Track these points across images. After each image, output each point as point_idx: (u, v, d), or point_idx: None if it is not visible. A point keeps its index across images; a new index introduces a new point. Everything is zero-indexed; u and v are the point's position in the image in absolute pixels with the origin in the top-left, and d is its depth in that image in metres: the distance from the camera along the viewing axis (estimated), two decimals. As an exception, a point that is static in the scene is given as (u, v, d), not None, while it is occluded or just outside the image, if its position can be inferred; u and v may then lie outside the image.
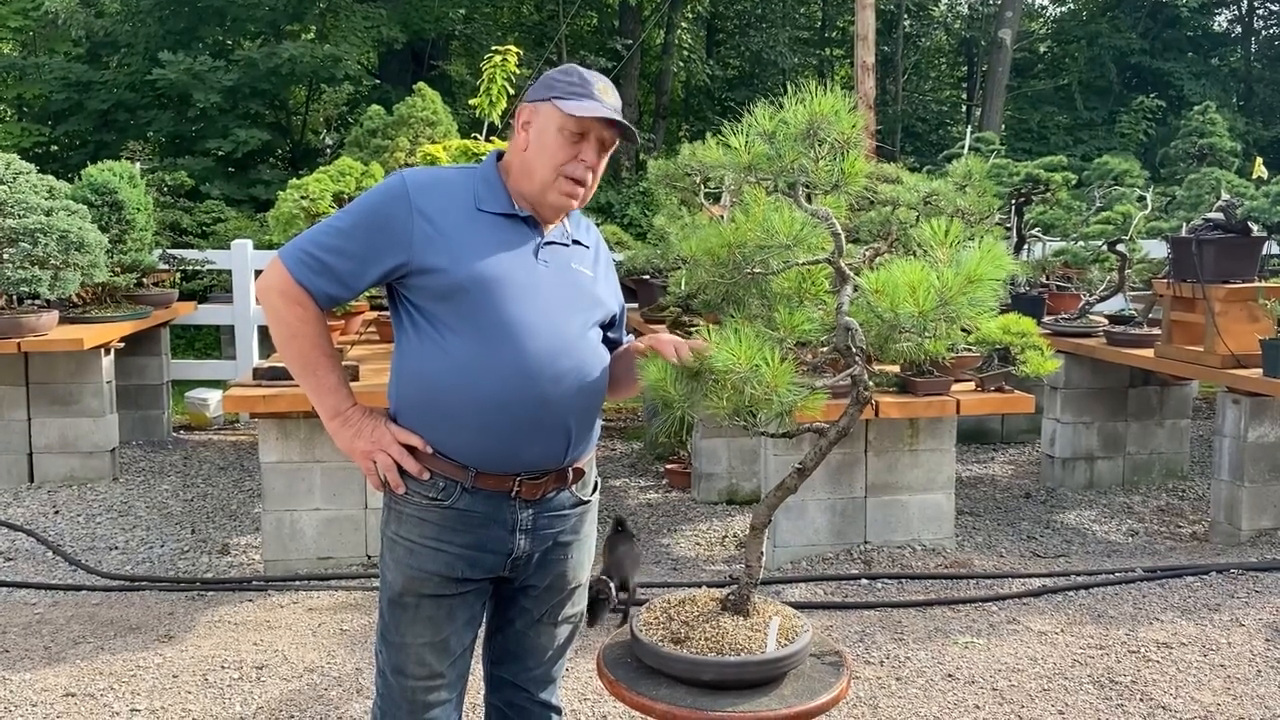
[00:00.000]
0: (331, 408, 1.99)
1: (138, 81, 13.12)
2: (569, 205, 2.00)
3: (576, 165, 1.95)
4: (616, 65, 14.96)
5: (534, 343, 1.91)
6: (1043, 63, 22.49)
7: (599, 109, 1.93)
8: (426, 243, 1.91)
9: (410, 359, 1.97)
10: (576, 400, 1.96)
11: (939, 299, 1.63)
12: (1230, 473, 4.72)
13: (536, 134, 1.96)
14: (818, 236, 1.84)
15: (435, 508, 1.96)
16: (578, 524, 2.10)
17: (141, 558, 4.67)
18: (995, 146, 7.73)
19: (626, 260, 6.45)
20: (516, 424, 1.91)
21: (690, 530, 5.18)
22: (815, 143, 1.78)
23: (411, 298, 1.96)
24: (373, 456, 1.97)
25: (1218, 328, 4.69)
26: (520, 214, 1.98)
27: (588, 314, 2.03)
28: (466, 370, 1.89)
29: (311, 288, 1.93)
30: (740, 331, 1.72)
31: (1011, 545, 4.91)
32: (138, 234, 6.41)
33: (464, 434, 1.92)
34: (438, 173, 2.06)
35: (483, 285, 1.90)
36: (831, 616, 3.86)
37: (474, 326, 1.90)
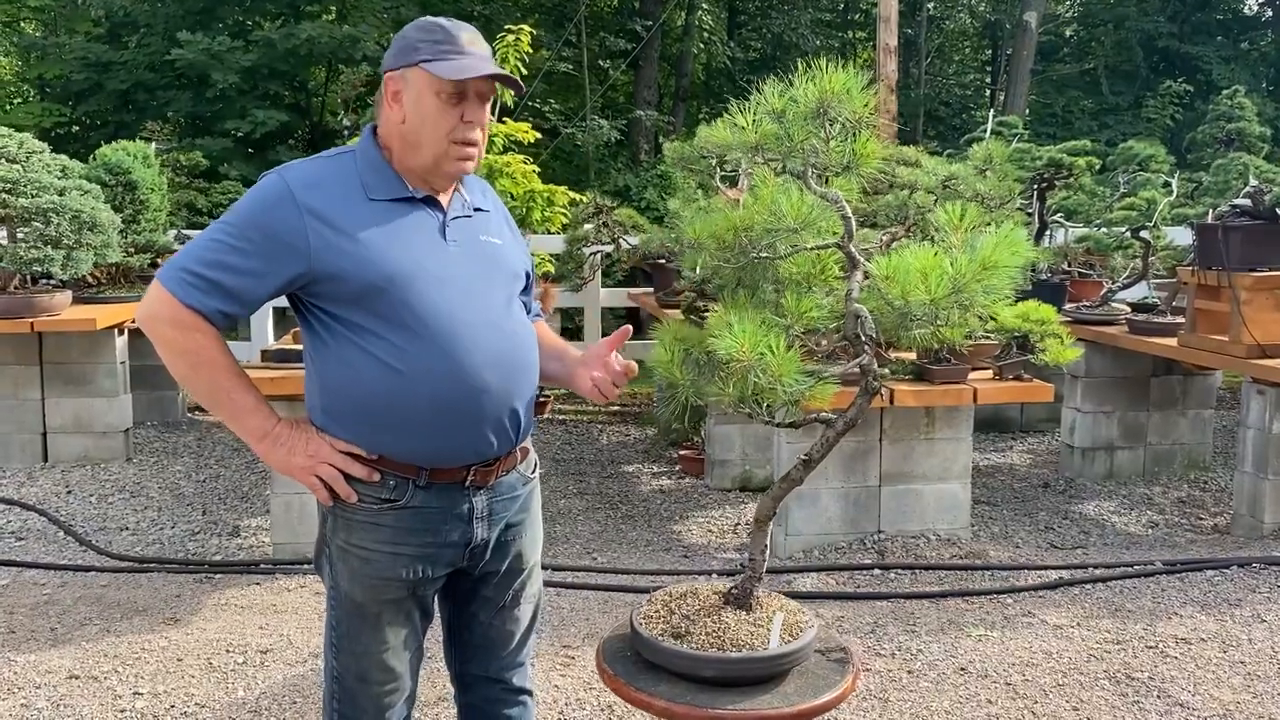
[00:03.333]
0: (256, 429, 1.86)
1: (157, 61, 13.11)
2: (466, 170, 1.89)
3: (464, 128, 1.84)
4: (636, 47, 14.84)
5: (464, 332, 1.82)
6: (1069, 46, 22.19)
7: (475, 66, 1.82)
8: (325, 246, 1.78)
9: (333, 370, 1.85)
10: (518, 381, 1.90)
11: (952, 286, 1.56)
12: (1254, 465, 4.62)
13: (413, 103, 1.84)
14: (827, 220, 1.77)
15: (389, 509, 1.87)
16: (527, 502, 2.04)
17: (152, 539, 4.66)
18: (1018, 130, 7.60)
19: (642, 244, 6.38)
20: (462, 421, 1.84)
21: (702, 517, 5.13)
22: (826, 122, 1.71)
23: (320, 305, 1.84)
24: (314, 471, 1.85)
25: (1243, 317, 4.58)
26: (416, 195, 1.88)
27: (509, 286, 1.95)
28: (398, 376, 1.80)
29: (204, 310, 1.78)
30: (744, 318, 1.65)
31: (1028, 536, 4.84)
32: (152, 214, 6.40)
33: (408, 441, 1.84)
34: (317, 165, 1.88)
35: (396, 281, 1.79)
36: (843, 607, 3.80)
37: (396, 327, 1.80)
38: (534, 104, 14.18)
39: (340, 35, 12.78)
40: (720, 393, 1.67)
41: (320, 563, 1.99)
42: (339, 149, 1.96)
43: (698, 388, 1.70)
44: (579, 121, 14.03)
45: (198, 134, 13.06)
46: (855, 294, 1.74)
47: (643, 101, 15.39)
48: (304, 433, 1.88)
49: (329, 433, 1.88)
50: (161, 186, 6.62)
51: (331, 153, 1.94)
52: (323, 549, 1.97)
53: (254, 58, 12.58)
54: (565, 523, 5.04)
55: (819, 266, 1.83)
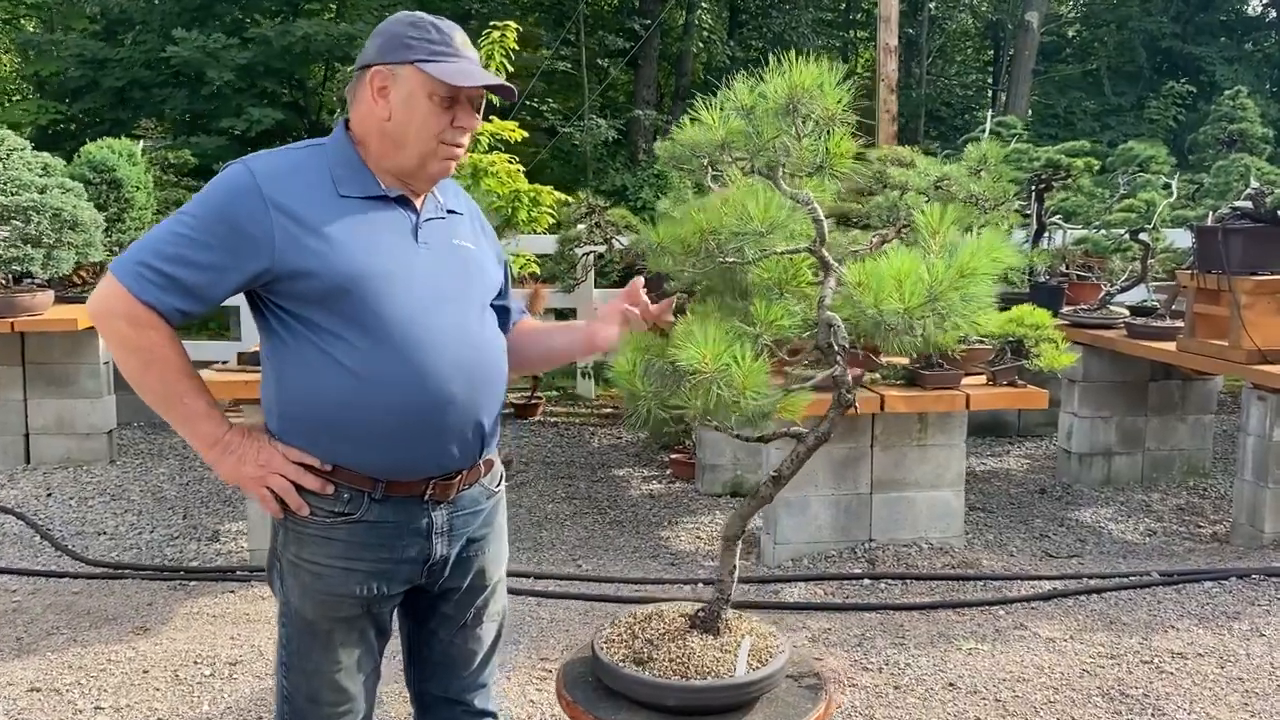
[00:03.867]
0: (207, 435, 1.76)
1: (153, 59, 13.03)
2: (448, 171, 1.83)
3: (454, 133, 1.78)
4: (635, 45, 14.75)
5: (431, 339, 1.74)
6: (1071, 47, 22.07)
7: (473, 73, 1.75)
8: (291, 242, 1.69)
9: (291, 373, 1.76)
10: (485, 392, 1.81)
11: (928, 294, 1.47)
12: (1254, 473, 4.53)
13: (402, 102, 1.75)
14: (799, 223, 1.68)
15: (342, 523, 1.78)
16: (490, 516, 1.95)
17: (129, 543, 4.57)
18: (1017, 131, 7.50)
19: (632, 244, 6.29)
20: (424, 432, 1.75)
21: (691, 523, 5.04)
22: (797, 119, 1.61)
23: (281, 304, 1.75)
24: (265, 482, 1.76)
25: (1244, 321, 4.48)
26: (389, 194, 1.79)
27: (481, 293, 1.87)
28: (360, 382, 1.71)
29: (160, 306, 1.69)
30: (709, 326, 1.56)
31: (1023, 544, 4.74)
32: (137, 213, 6.31)
33: (367, 452, 1.75)
34: (287, 156, 1.79)
35: (363, 283, 1.70)
36: (830, 619, 3.71)
37: (360, 330, 1.71)
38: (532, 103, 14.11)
39: (337, 33, 12.69)
40: (684, 406, 1.58)
41: (271, 577, 1.90)
42: (310, 141, 1.87)
43: (661, 400, 1.61)
44: (577, 121, 13.94)
45: (193, 132, 12.99)
46: (828, 301, 1.65)
47: (642, 101, 15.30)
48: (255, 441, 1.79)
49: (283, 440, 1.79)
50: (147, 185, 6.54)
51: (302, 145, 1.85)
52: (274, 562, 1.89)
53: (250, 55, 12.50)
54: (552, 528, 4.95)
55: (791, 272, 1.74)
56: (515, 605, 3.74)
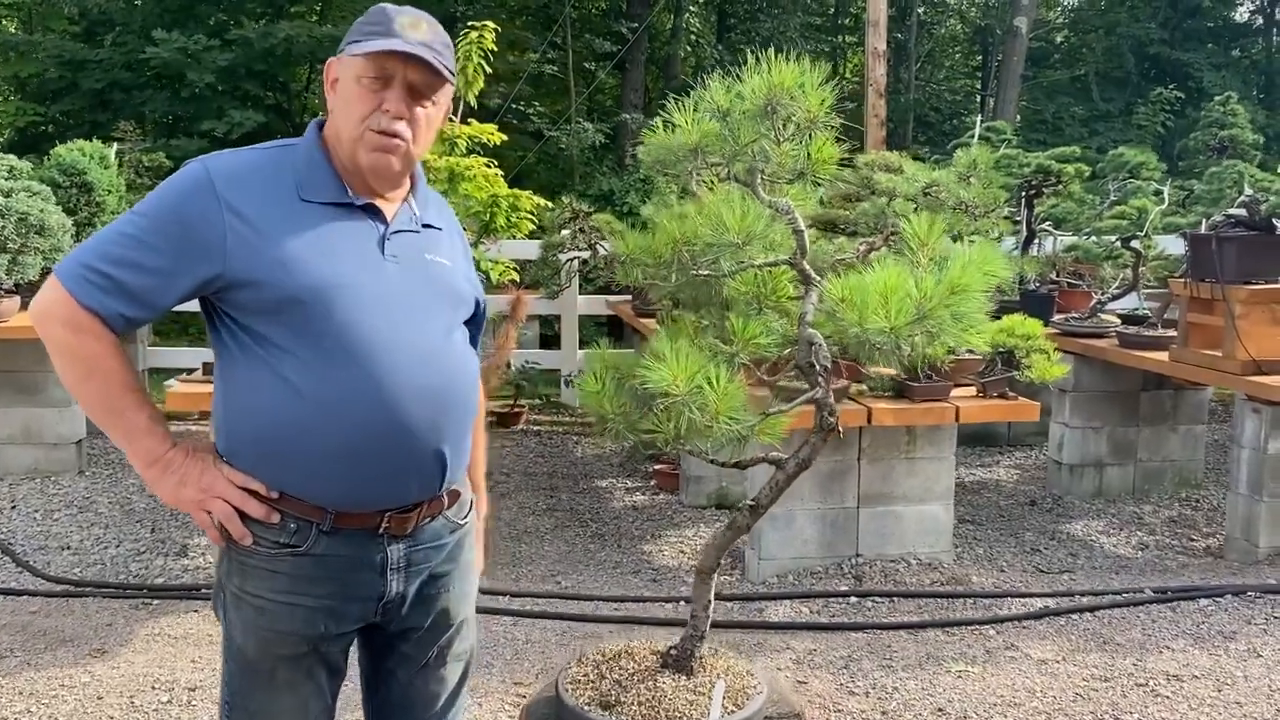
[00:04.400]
0: (146, 453, 1.64)
1: (133, 60, 12.86)
2: (386, 165, 1.66)
3: (380, 116, 1.63)
4: (622, 49, 14.64)
5: (390, 360, 1.61)
6: (1059, 53, 22.07)
7: (390, 43, 1.60)
8: (243, 248, 1.58)
9: (240, 390, 1.63)
10: (448, 421, 1.67)
11: (916, 311, 1.36)
12: (1249, 486, 4.43)
13: (340, 90, 1.66)
14: (778, 233, 1.56)
15: (288, 555, 1.65)
16: (455, 551, 1.80)
17: (94, 559, 4.42)
18: (1006, 136, 7.42)
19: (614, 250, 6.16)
20: (378, 461, 1.62)
21: (675, 536, 4.92)
22: (776, 122, 1.50)
23: (232, 314, 1.63)
24: (206, 506, 1.64)
25: (1238, 331, 4.39)
26: (356, 201, 1.67)
27: (452, 314, 1.74)
28: (311, 402, 1.58)
29: (103, 311, 1.58)
30: (681, 344, 1.44)
31: (1013, 558, 4.63)
32: (108, 217, 6.16)
33: (315, 480, 1.62)
34: (248, 156, 1.68)
35: (320, 295, 1.58)
36: (816, 639, 3.59)
37: (314, 347, 1.58)
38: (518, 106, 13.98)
39: (320, 34, 12.55)
40: (655, 430, 1.46)
41: (216, 606, 1.78)
42: (282, 141, 1.75)
43: (630, 423, 1.49)
44: (564, 124, 13.82)
45: (174, 134, 12.82)
46: (809, 317, 1.53)
47: (629, 104, 15.18)
48: (199, 462, 1.66)
49: (230, 463, 1.66)
50: (119, 188, 6.39)
51: (272, 144, 1.74)
52: (218, 593, 1.76)
53: (231, 57, 12.35)
54: (532, 542, 4.82)
55: (770, 285, 1.62)
56: (490, 625, 3.61)
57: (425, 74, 1.65)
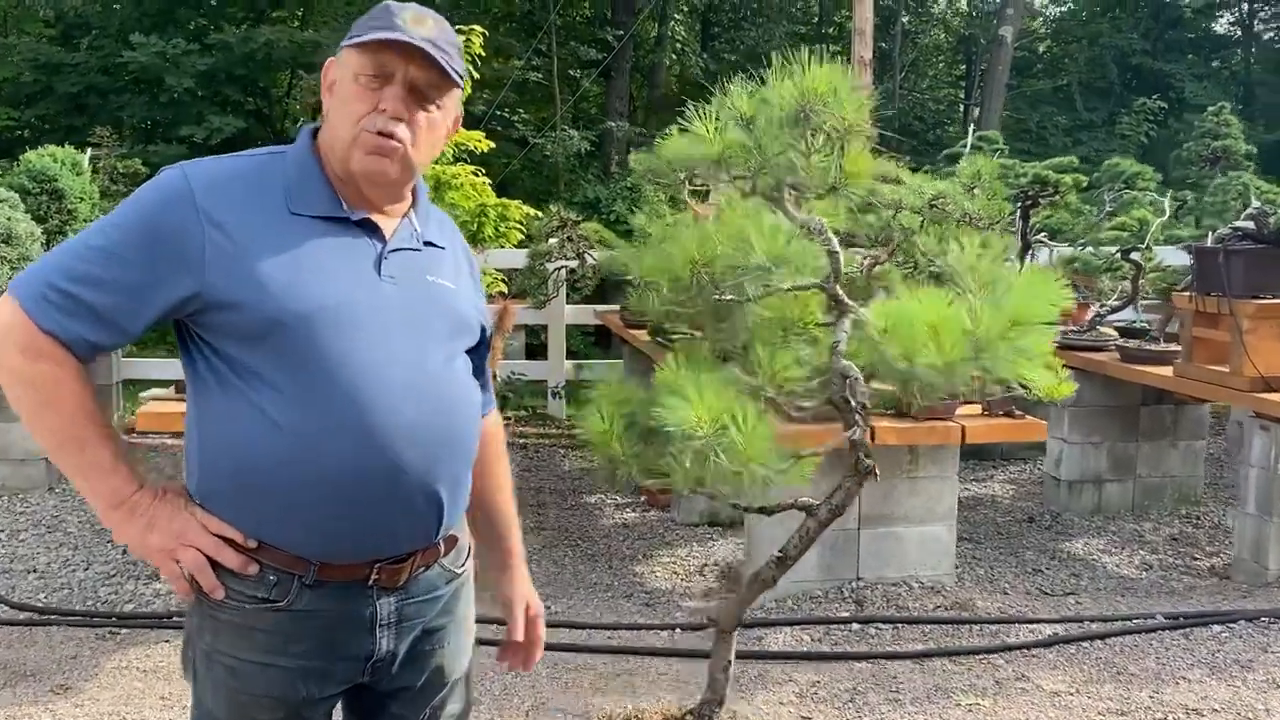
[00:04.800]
0: (110, 494, 1.46)
1: (110, 64, 12.66)
2: (381, 170, 1.49)
3: (376, 116, 1.46)
4: (607, 56, 14.52)
5: (383, 393, 1.44)
6: (1041, 62, 22.12)
7: (391, 34, 1.45)
8: (224, 265, 1.41)
9: (214, 423, 1.46)
10: (446, 459, 1.51)
11: (972, 346, 1.21)
12: (1258, 506, 4.31)
13: (337, 91, 1.51)
14: (808, 253, 1.41)
15: (267, 611, 1.47)
16: (451, 603, 1.63)
17: (60, 582, 4.23)
18: (999, 146, 7.32)
19: (604, 262, 6.02)
20: (367, 505, 1.45)
21: (668, 556, 4.76)
22: (807, 131, 1.35)
23: (209, 339, 1.46)
24: (175, 555, 1.46)
25: (1246, 347, 4.28)
26: (351, 216, 1.51)
27: (452, 341, 1.56)
28: (293, 440, 1.41)
29: (65, 335, 1.41)
30: (703, 379, 1.29)
31: (1015, 580, 4.50)
32: (80, 224, 5.96)
33: (296, 526, 1.45)
34: (232, 164, 1.52)
35: (306, 319, 1.41)
36: (819, 670, 3.44)
37: (298, 378, 1.42)
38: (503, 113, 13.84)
39: (301, 40, 12.38)
40: (673, 474, 1.30)
41: (185, 662, 1.60)
42: (269, 148, 1.58)
43: (643, 464, 1.33)
44: (549, 132, 13.68)
45: (152, 140, 12.61)
46: (843, 347, 1.38)
47: (614, 112, 15.06)
48: (169, 505, 1.49)
49: (203, 506, 1.49)
50: (93, 195, 6.19)
51: (258, 151, 1.57)
52: (187, 651, 1.59)
53: (211, 62, 12.16)
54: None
55: (797, 310, 1.47)
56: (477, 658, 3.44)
57: (429, 72, 1.49)
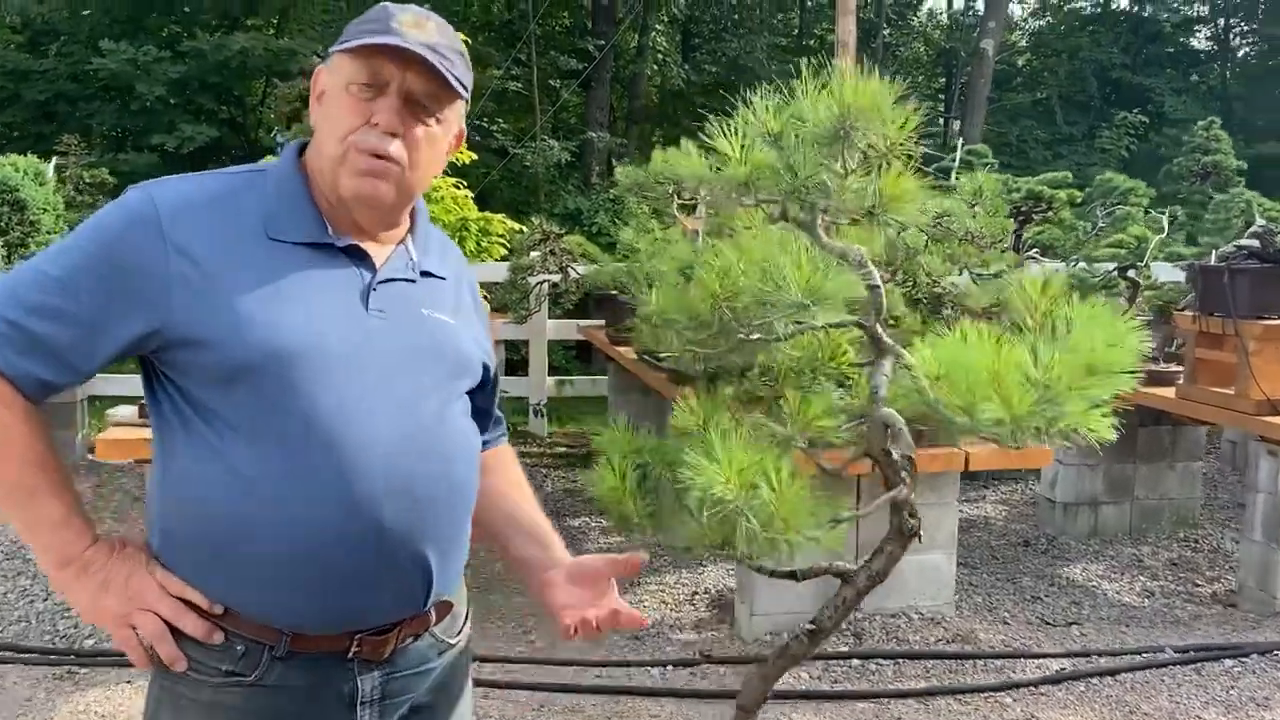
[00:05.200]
0: (59, 551, 1.29)
1: (79, 71, 12.40)
2: (373, 192, 1.33)
3: (367, 132, 1.30)
4: (587, 66, 14.39)
5: (366, 443, 1.27)
6: (1021, 76, 22.19)
7: (386, 39, 1.29)
8: (192, 298, 1.25)
9: (179, 475, 1.29)
10: (438, 519, 1.33)
11: (1040, 397, 1.05)
12: (1264, 533, 4.19)
13: (326, 102, 1.34)
14: (845, 285, 1.25)
15: (233, 686, 1.30)
16: (444, 677, 1.45)
17: (18, 614, 4.01)
18: (989, 160, 7.22)
19: (589, 276, 5.87)
20: (345, 571, 1.28)
21: (655, 584, 4.59)
22: (845, 150, 1.19)
23: (175, 378, 1.30)
24: (131, 620, 1.30)
25: (1252, 369, 4.16)
26: (337, 242, 1.34)
27: (449, 385, 1.39)
28: (264, 496, 1.25)
29: (14, 374, 1.25)
30: (727, 430, 1.12)
31: (1015, 608, 4.36)
32: (44, 236, 5.75)
33: (266, 592, 1.29)
34: (205, 184, 1.34)
35: (281, 360, 1.25)
36: (820, 711, 3.28)
37: (270, 425, 1.25)
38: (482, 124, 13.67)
39: (276, 48, 12.16)
40: (695, 535, 1.14)
41: None
42: (249, 166, 1.42)
43: (659, 524, 1.17)
44: (529, 142, 13.53)
45: (122, 148, 12.35)
46: (883, 392, 1.22)
47: (595, 123, 14.92)
48: (126, 563, 1.32)
49: (165, 565, 1.32)
50: (57, 206, 5.97)
51: (236, 170, 1.40)
52: None
53: (183, 69, 11.92)
54: (501, 592, 4.47)
55: (829, 349, 1.30)
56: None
57: (428, 81, 1.32)
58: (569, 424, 8.11)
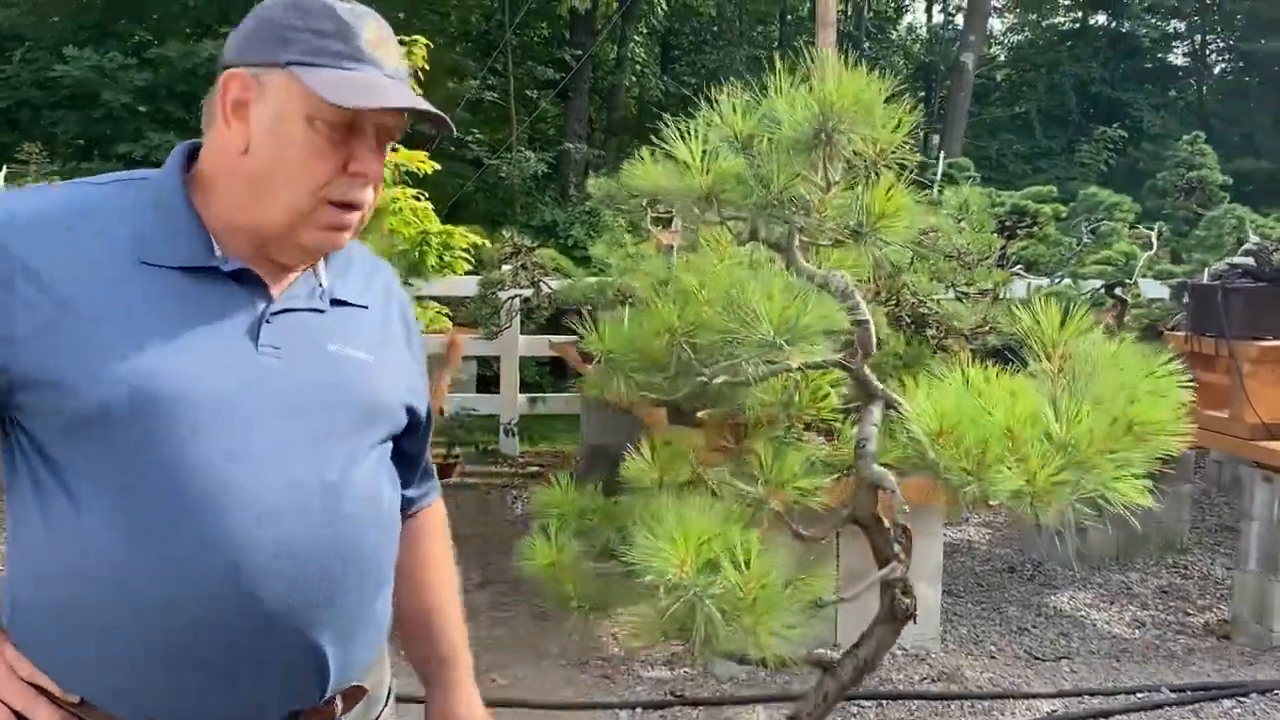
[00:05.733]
0: None
1: (44, 78, 12.10)
2: (336, 245, 1.15)
3: (348, 184, 1.10)
4: (565, 77, 14.22)
5: (245, 510, 1.06)
6: (1000, 90, 22.19)
7: (382, 89, 1.10)
8: (42, 331, 1.05)
9: (27, 541, 1.09)
10: (336, 597, 1.12)
11: (1065, 458, 0.86)
12: (1260, 563, 4.02)
13: (268, 126, 1.10)
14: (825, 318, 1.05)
15: None
16: None
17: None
18: (971, 174, 7.08)
19: (562, 291, 5.67)
20: (211, 660, 1.07)
21: (626, 614, 4.36)
22: (826, 155, 0.99)
23: (27, 426, 1.08)
24: None
25: (1247, 392, 4.00)
26: (223, 267, 1.13)
27: (359, 434, 1.17)
28: (121, 569, 1.04)
29: None
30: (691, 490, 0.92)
31: (1002, 640, 4.18)
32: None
33: (121, 679, 1.08)
34: (68, 197, 1.13)
35: (146, 408, 1.04)
36: (798, 759, 3.07)
37: (131, 485, 1.04)
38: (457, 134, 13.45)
39: (247, 56, 11.90)
40: (649, 628, 0.94)
41: None
42: (119, 175, 1.19)
43: (601, 603, 0.97)
44: (505, 153, 13.33)
45: (87, 157, 12.05)
46: (871, 445, 1.02)
47: (572, 134, 14.75)
48: None
49: (17, 645, 1.11)
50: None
51: (106, 178, 1.18)
52: None
53: (150, 77, 11.65)
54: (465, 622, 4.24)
55: (808, 392, 1.10)
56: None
57: (399, 115, 1.14)
58: (541, 443, 7.90)
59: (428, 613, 1.39)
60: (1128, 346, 0.99)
